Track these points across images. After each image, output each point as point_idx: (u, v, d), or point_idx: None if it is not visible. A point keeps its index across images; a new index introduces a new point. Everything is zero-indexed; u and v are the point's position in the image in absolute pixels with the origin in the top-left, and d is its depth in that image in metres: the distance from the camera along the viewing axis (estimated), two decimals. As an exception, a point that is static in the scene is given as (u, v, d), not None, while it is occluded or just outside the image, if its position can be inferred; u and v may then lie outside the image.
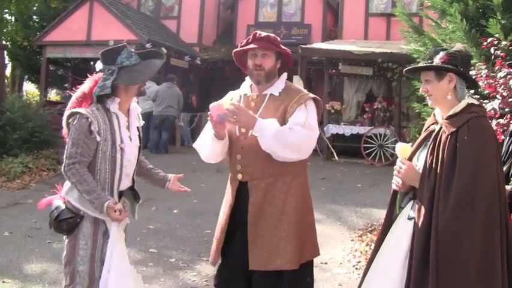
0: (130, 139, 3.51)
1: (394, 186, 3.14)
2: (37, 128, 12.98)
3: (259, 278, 3.42)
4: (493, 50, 5.83)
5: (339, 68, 14.78)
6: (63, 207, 3.41)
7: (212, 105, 3.35)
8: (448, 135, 2.86)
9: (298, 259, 3.41)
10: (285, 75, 3.64)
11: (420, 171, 2.96)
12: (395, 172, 3.09)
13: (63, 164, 3.35)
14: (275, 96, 3.51)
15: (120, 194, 3.55)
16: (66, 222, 3.36)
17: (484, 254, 2.68)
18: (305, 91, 3.57)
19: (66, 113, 3.42)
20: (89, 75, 3.55)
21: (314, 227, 3.64)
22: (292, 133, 3.31)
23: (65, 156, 3.34)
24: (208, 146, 3.57)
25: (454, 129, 2.84)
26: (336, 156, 3.81)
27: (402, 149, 3.14)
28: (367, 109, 14.47)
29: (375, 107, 14.21)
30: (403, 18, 8.93)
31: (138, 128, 3.64)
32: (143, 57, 3.52)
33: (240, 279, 3.50)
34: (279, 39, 3.57)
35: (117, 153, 3.40)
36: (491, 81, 5.38)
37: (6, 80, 18.61)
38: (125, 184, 3.56)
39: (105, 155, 3.36)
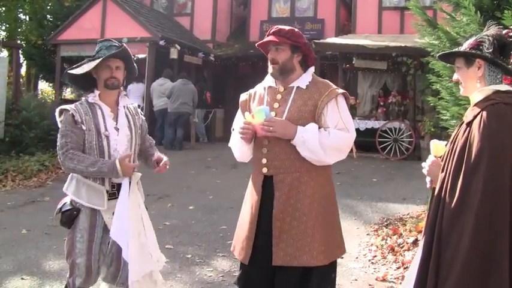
0: (118, 129, 3.62)
1: (428, 184, 3.01)
2: (53, 126, 12.95)
3: (284, 275, 3.33)
4: (508, 42, 5.76)
5: (353, 62, 14.75)
6: (67, 201, 3.65)
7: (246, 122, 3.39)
8: (465, 125, 2.72)
9: (326, 256, 3.34)
10: (312, 68, 3.55)
11: None
12: (423, 170, 3.00)
13: (58, 157, 3.56)
14: (302, 89, 3.42)
15: (118, 188, 3.58)
16: (65, 215, 3.60)
17: (480, 254, 2.47)
18: (333, 85, 3.48)
19: (57, 112, 3.69)
20: None
21: (339, 223, 3.57)
22: (332, 138, 3.33)
23: (57, 149, 3.56)
24: (237, 148, 3.62)
25: (471, 119, 2.68)
26: (354, 154, 3.73)
27: (435, 147, 3.00)
28: (381, 103, 14.42)
29: (389, 101, 14.17)
30: (417, 11, 8.83)
31: (128, 117, 3.72)
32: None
33: (264, 280, 3.40)
34: (296, 30, 3.45)
35: (103, 141, 3.56)
36: (507, 73, 5.33)
37: (21, 79, 18.77)
38: None
39: (92, 145, 3.54)
